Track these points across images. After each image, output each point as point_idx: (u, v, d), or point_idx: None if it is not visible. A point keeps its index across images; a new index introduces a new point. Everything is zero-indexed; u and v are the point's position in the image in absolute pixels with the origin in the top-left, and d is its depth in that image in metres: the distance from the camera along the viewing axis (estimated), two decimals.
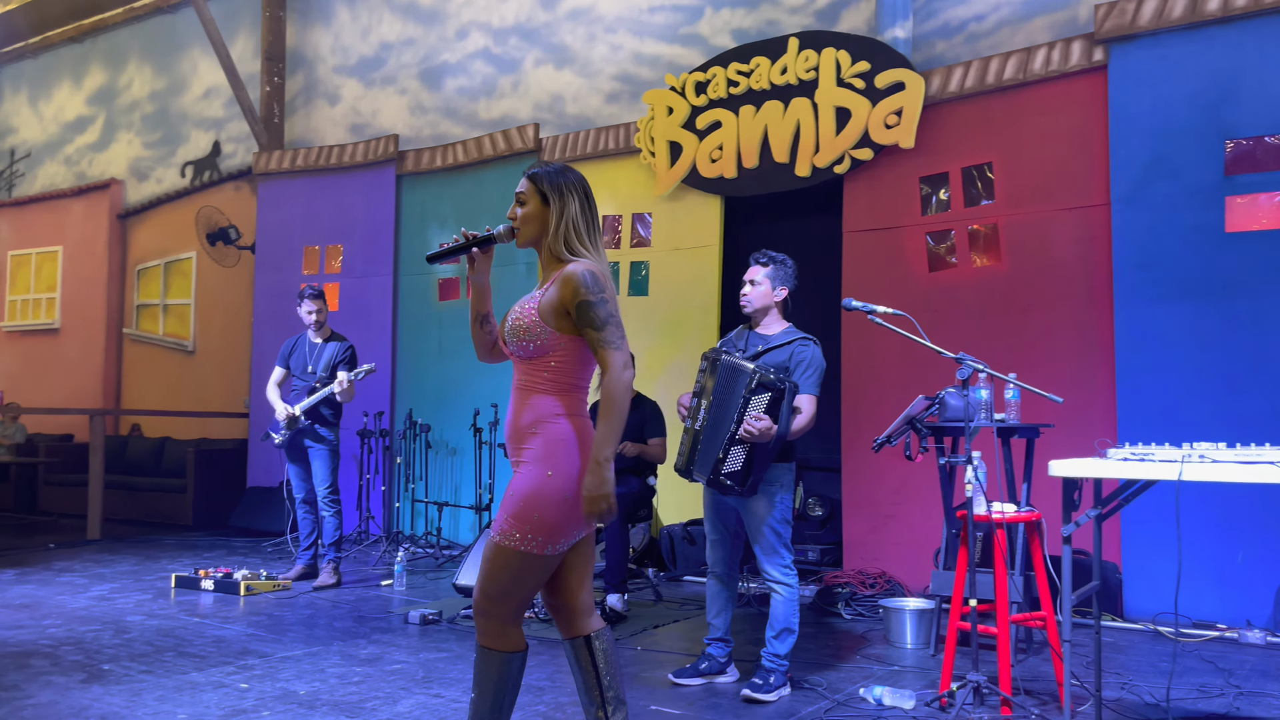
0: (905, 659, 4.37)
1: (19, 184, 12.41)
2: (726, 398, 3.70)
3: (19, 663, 4.09)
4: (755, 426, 3.59)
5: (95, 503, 8.23)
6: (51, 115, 12.16)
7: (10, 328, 11.99)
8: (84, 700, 3.57)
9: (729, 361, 3.75)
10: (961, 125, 6.03)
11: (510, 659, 2.51)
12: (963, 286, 5.96)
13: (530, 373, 2.51)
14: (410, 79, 9.01)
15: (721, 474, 3.67)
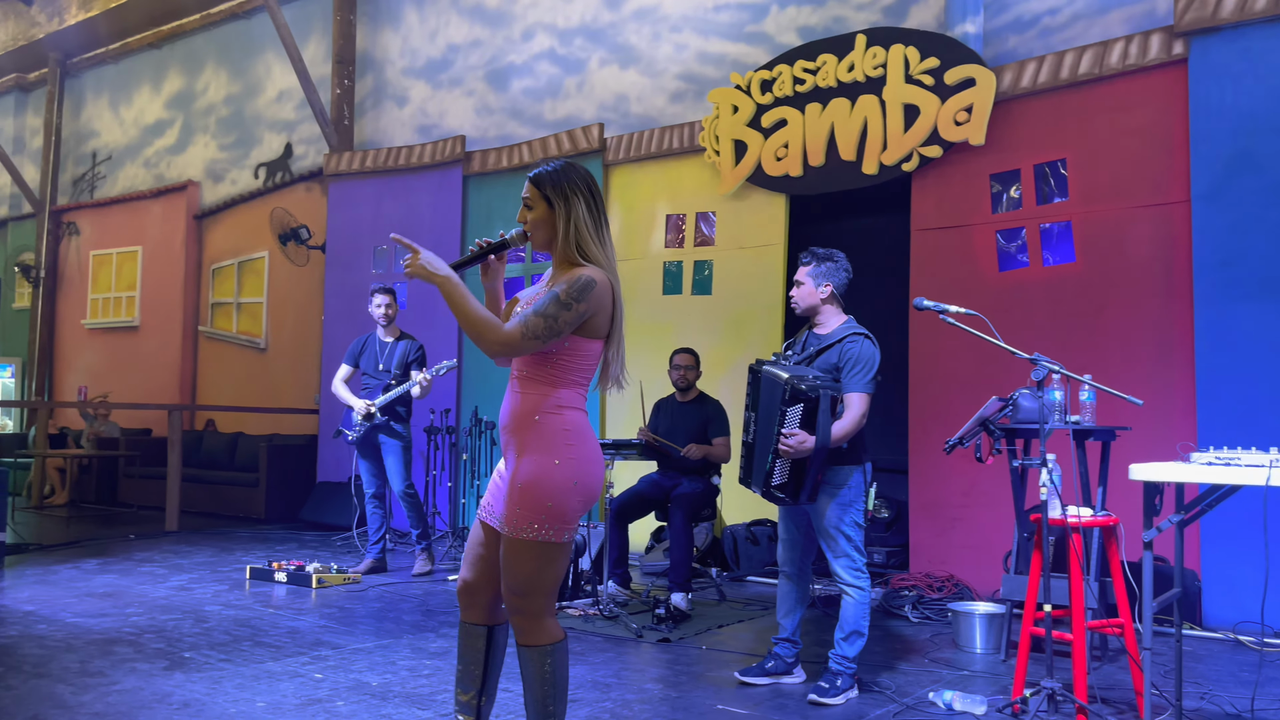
0: (975, 664, 4.31)
1: (101, 186, 12.84)
2: (769, 410, 3.74)
3: (104, 650, 4.23)
4: (789, 443, 3.62)
5: (173, 496, 8.48)
6: (132, 119, 12.55)
7: (93, 325, 12.40)
8: (167, 687, 3.69)
9: (769, 373, 3.77)
10: (1034, 121, 5.92)
11: (555, 650, 2.51)
12: (1034, 286, 5.84)
13: (534, 366, 2.53)
14: (477, 80, 9.12)
15: (771, 486, 3.69)
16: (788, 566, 3.99)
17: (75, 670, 3.88)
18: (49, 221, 12.92)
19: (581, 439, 2.51)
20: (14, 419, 13.21)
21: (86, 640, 4.39)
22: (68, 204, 13.00)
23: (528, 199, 2.59)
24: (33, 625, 4.66)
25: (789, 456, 3.64)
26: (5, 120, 14.01)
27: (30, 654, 4.11)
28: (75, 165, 13.22)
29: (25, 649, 4.20)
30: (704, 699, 3.69)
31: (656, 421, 5.79)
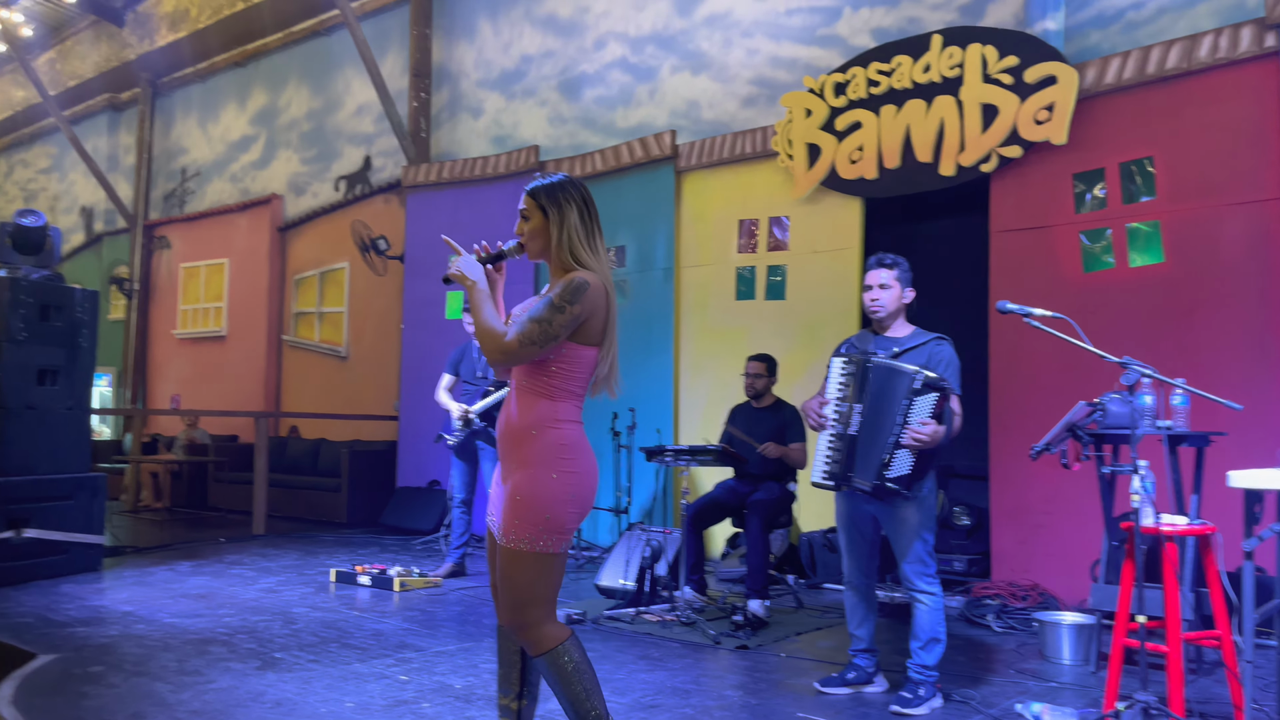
0: (1063, 675, 4.21)
1: (190, 201, 13.30)
2: (885, 400, 3.64)
3: (199, 649, 4.39)
4: (924, 433, 3.52)
5: (260, 500, 8.74)
6: (218, 136, 12.98)
7: (183, 335, 12.86)
8: (260, 686, 3.80)
9: (884, 363, 3.68)
10: (1119, 119, 5.77)
11: (567, 647, 2.53)
12: (1120, 287, 5.69)
13: (531, 376, 2.57)
14: (550, 90, 9.22)
15: (888, 479, 3.60)
16: (855, 578, 3.94)
17: (173, 669, 4.02)
18: (142, 236, 13.43)
19: (578, 453, 2.56)
20: (110, 426, 13.75)
21: (183, 640, 4.55)
22: (159, 219, 13.50)
23: (524, 210, 2.66)
24: (132, 625, 4.85)
25: (917, 448, 3.57)
26: (100, 139, 14.61)
27: (130, 653, 4.28)
28: (166, 181, 13.72)
29: (125, 648, 4.37)
30: (784, 707, 3.67)
31: (732, 427, 5.78)
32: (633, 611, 5.19)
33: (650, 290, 7.98)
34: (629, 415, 7.51)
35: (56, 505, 6.10)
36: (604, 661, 4.29)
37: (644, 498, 7.69)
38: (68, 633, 4.63)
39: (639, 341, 8.00)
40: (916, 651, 3.71)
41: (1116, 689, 3.47)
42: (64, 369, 6.28)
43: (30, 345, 6.05)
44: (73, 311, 6.35)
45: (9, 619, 4.85)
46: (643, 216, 8.05)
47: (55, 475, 6.15)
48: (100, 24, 13.87)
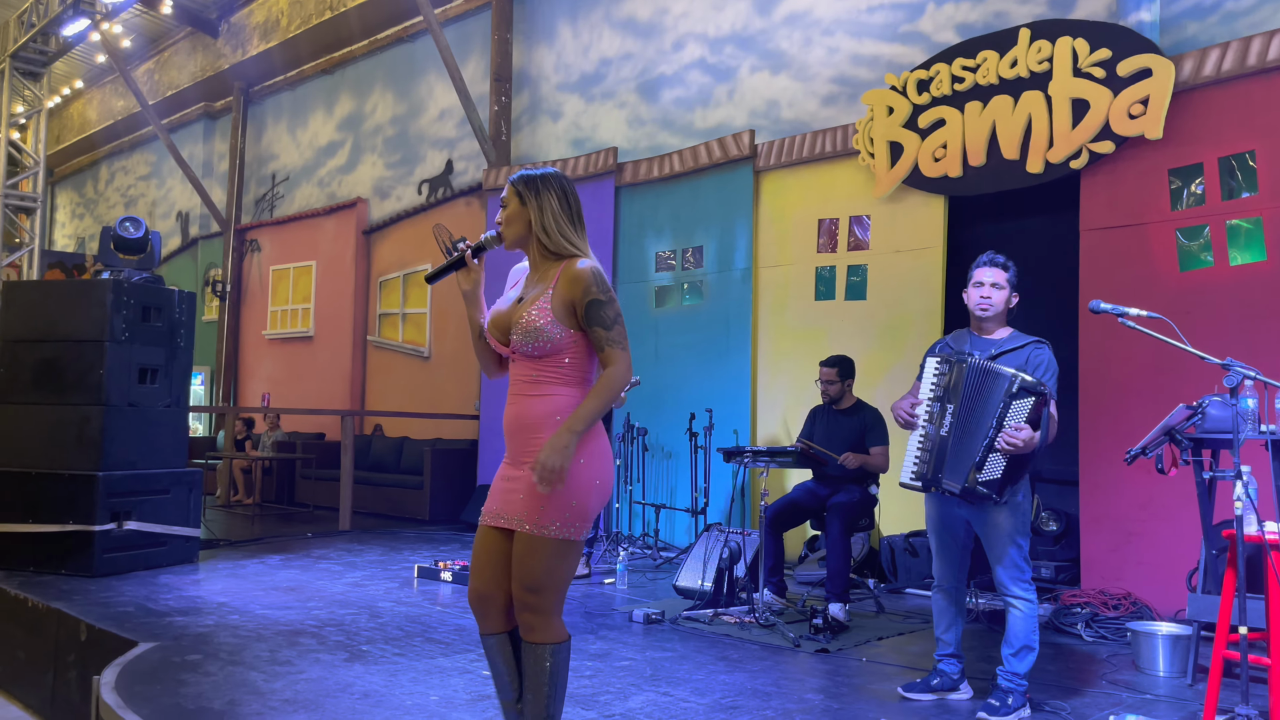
0: (1158, 687, 4.07)
1: (279, 205, 13.71)
2: (980, 402, 3.57)
3: (290, 640, 4.52)
4: (1018, 437, 3.45)
5: (346, 497, 8.96)
6: (307, 142, 13.35)
7: (272, 335, 13.26)
8: (349, 678, 3.90)
9: (981, 364, 3.62)
10: (1217, 112, 5.56)
11: (560, 649, 2.55)
12: (1219, 287, 5.48)
13: (543, 369, 2.57)
14: (629, 92, 9.27)
15: (979, 482, 3.53)
16: (945, 582, 3.86)
17: (266, 659, 4.15)
18: (234, 239, 13.89)
19: (598, 438, 2.57)
20: (203, 423, 14.25)
21: (274, 631, 4.69)
22: (250, 223, 13.94)
23: (503, 199, 2.69)
24: (226, 616, 5.02)
25: (1011, 452, 3.50)
26: (196, 146, 15.15)
27: (225, 642, 4.43)
28: (257, 186, 14.17)
29: (221, 637, 4.52)
30: (866, 712, 3.62)
31: (811, 429, 5.73)
32: (710, 613, 5.19)
33: (728, 291, 7.96)
34: (706, 416, 7.51)
35: (156, 499, 6.35)
36: (683, 662, 4.29)
37: (721, 498, 7.68)
38: (166, 622, 4.81)
39: (717, 342, 7.98)
40: (1008, 658, 3.62)
41: (1216, 702, 3.34)
42: (163, 368, 6.53)
43: (132, 345, 6.30)
44: (172, 312, 6.60)
45: (111, 608, 5.06)
46: (721, 217, 8.03)
47: (155, 470, 6.40)
48: (196, 35, 14.40)
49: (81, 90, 17.12)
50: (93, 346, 6.17)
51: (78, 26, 9.42)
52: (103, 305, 6.18)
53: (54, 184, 19.34)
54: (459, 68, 9.99)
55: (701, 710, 3.58)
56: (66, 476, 6.03)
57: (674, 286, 8.42)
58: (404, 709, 3.51)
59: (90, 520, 5.94)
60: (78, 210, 18.97)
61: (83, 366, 6.16)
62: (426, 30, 10.76)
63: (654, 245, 8.54)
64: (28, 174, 9.94)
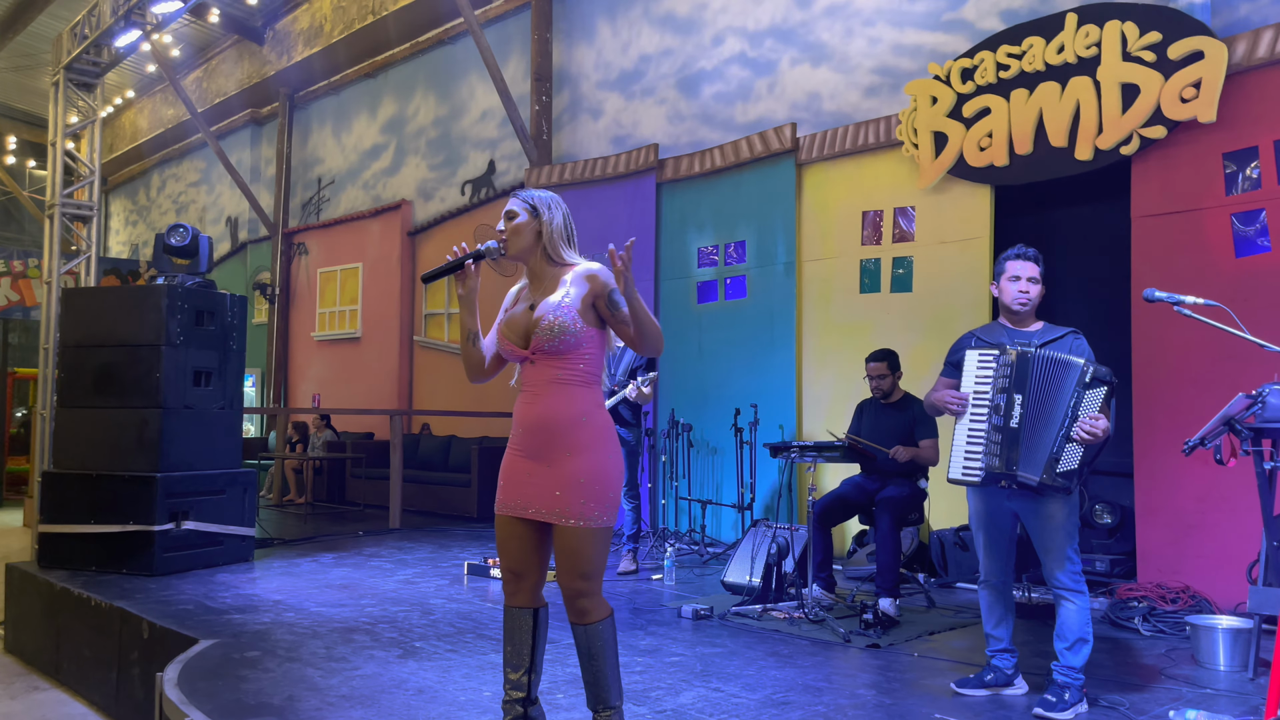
0: (1218, 682, 3.99)
1: (325, 209, 13.91)
2: (1052, 393, 3.55)
3: (345, 637, 4.59)
4: (1097, 427, 3.45)
5: (395, 495, 9.07)
6: (351, 145, 13.53)
7: (321, 337, 13.45)
8: (402, 674, 3.96)
9: (1050, 355, 3.60)
10: (1273, 93, 5.42)
11: (612, 623, 2.87)
12: (1277, 272, 5.35)
13: (564, 368, 2.81)
14: (668, 89, 9.26)
15: (1057, 473, 3.51)
16: (992, 577, 3.82)
17: (322, 655, 4.23)
18: (282, 243, 14.12)
19: (615, 434, 2.91)
20: (254, 424, 14.51)
21: (329, 628, 4.77)
22: (297, 226, 14.16)
23: (512, 210, 2.91)
24: (282, 613, 5.11)
25: (1087, 442, 3.49)
26: (243, 152, 15.42)
27: (283, 639, 4.51)
28: (303, 190, 14.38)
29: (278, 635, 4.61)
30: (919, 707, 3.60)
31: (859, 424, 5.69)
32: (759, 608, 5.18)
33: (771, 285, 7.93)
34: (751, 411, 7.49)
35: (212, 499, 6.48)
36: (733, 657, 4.29)
37: (766, 493, 7.66)
38: (225, 619, 4.91)
39: (760, 336, 7.96)
40: (1062, 653, 3.58)
41: (1279, 697, 3.27)
42: (217, 370, 6.66)
43: (187, 348, 6.44)
44: (224, 316, 6.73)
45: (171, 606, 5.18)
46: (763, 211, 8.00)
47: (210, 470, 6.53)
48: (242, 43, 14.65)
49: (132, 100, 17.49)
50: (149, 351, 6.31)
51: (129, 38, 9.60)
52: (158, 310, 6.32)
53: (107, 192, 19.79)
54: (499, 68, 10.05)
55: (753, 705, 3.58)
56: (126, 478, 6.17)
57: (716, 282, 8.40)
58: (458, 704, 3.55)
59: (150, 520, 6.09)
60: (130, 217, 19.39)
61: (140, 370, 6.31)
62: (467, 32, 10.85)
63: (695, 240, 8.53)
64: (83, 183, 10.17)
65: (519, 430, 2.87)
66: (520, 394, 2.89)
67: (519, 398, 2.89)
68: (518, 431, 2.88)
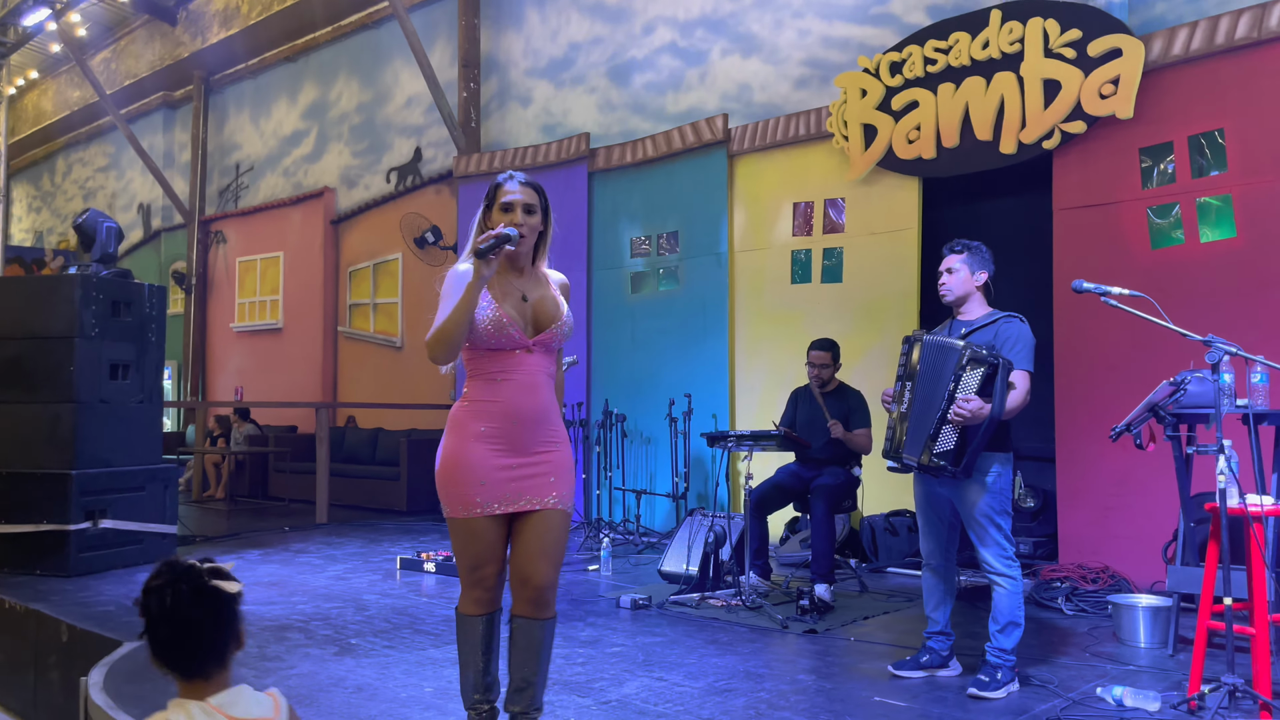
0: (1140, 658, 4.15)
1: (244, 196, 13.52)
2: (934, 377, 3.68)
3: (278, 635, 4.48)
4: (966, 408, 3.55)
5: (322, 489, 8.88)
6: (271, 131, 13.16)
7: (241, 328, 13.09)
8: (340, 672, 3.88)
9: (934, 340, 3.74)
10: (1187, 91, 5.63)
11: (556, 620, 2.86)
12: (1190, 264, 5.57)
13: (551, 364, 2.83)
14: (599, 77, 9.22)
15: (934, 454, 3.61)
16: (932, 559, 3.91)
17: (254, 655, 4.11)
18: (198, 231, 13.69)
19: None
20: (171, 418, 14.06)
21: (260, 627, 4.64)
22: (214, 214, 13.74)
23: (532, 205, 2.78)
24: None
25: (960, 424, 3.58)
26: (156, 136, 14.89)
27: None
28: (220, 176, 13.96)
29: None
30: (859, 690, 3.66)
31: (793, 412, 5.75)
32: (697, 596, 5.21)
33: (703, 275, 7.96)
34: (685, 401, 7.52)
35: (130, 496, 6.26)
36: (674, 646, 4.31)
37: (699, 482, 7.70)
38: None
39: (693, 326, 7.99)
40: (995, 635, 3.68)
41: (1201, 671, 3.41)
42: (134, 363, 6.42)
43: (102, 341, 6.19)
44: (142, 307, 6.49)
45: (91, 608, 4.98)
46: (695, 201, 8.03)
47: (129, 467, 6.30)
48: (154, 23, 14.12)
49: (36, 81, 16.73)
50: (62, 343, 6.05)
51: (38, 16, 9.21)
52: (71, 301, 6.06)
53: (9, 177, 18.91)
54: (426, 54, 9.88)
55: (696, 694, 3.60)
56: (39, 475, 5.92)
57: (649, 272, 8.41)
58: (399, 701, 3.49)
59: (65, 519, 5.85)
60: (34, 204, 18.59)
61: (52, 364, 6.04)
62: (392, 16, 10.63)
63: (628, 231, 8.52)
64: None
65: (504, 421, 2.70)
66: (503, 383, 2.72)
67: (503, 387, 2.71)
68: (500, 423, 2.70)
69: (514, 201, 2.77)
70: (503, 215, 2.77)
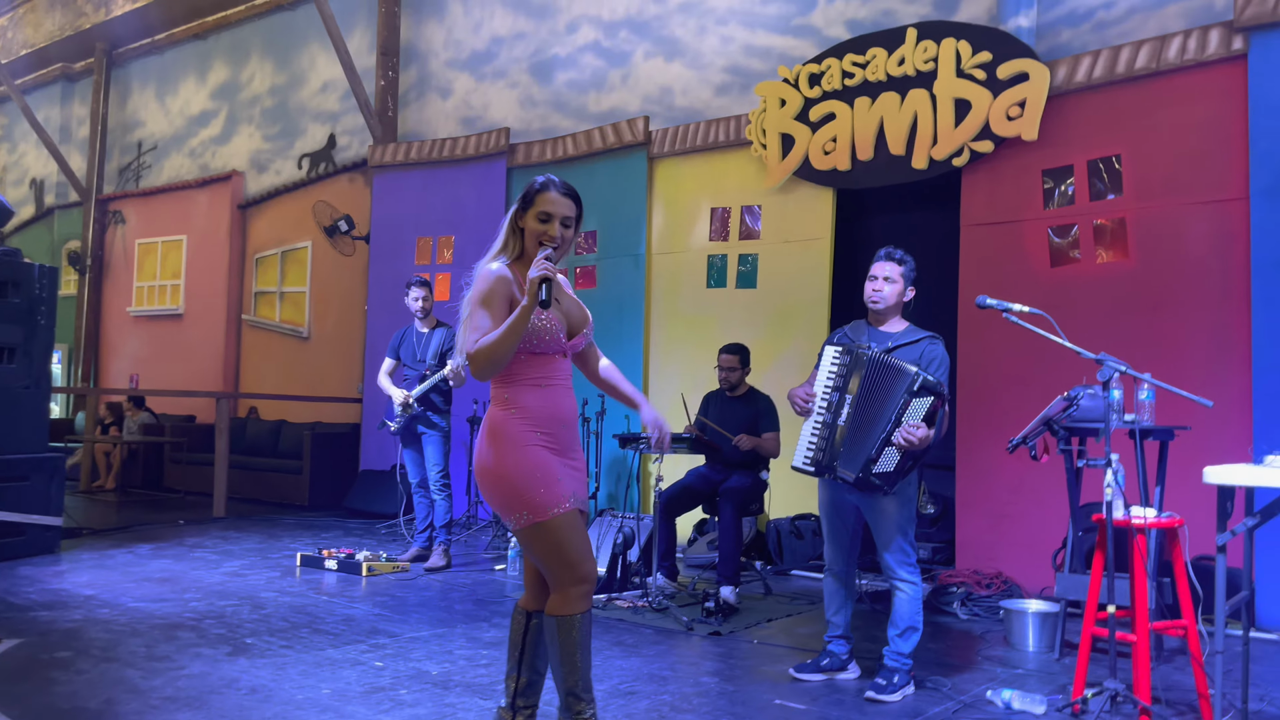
0: (1028, 663, 4.30)
1: (146, 176, 13.01)
2: (880, 396, 3.65)
3: (168, 634, 4.32)
4: (915, 435, 3.55)
5: (220, 482, 8.61)
6: (177, 109, 12.70)
7: (138, 313, 12.59)
8: (233, 672, 3.76)
9: (882, 358, 3.69)
10: (1088, 116, 5.86)
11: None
12: (1087, 283, 5.80)
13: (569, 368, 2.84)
14: (521, 72, 9.15)
15: (872, 473, 3.63)
16: (835, 565, 3.98)
17: (142, 655, 3.96)
18: (95, 210, 13.11)
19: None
20: (60, 405, 13.45)
21: (150, 625, 4.48)
22: (114, 193, 13.19)
23: (569, 218, 2.74)
24: (95, 609, 4.77)
25: (905, 449, 3.59)
26: (52, 109, 14.22)
27: (97, 638, 4.21)
28: (121, 155, 13.41)
29: (91, 633, 4.30)
30: (760, 693, 3.71)
31: (705, 414, 5.80)
32: (604, 598, 5.21)
33: (621, 276, 7.97)
34: (598, 401, 7.51)
35: (13, 486, 5.97)
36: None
37: (611, 483, 7.71)
38: (30, 617, 4.54)
39: (609, 328, 7.98)
40: (894, 639, 3.76)
41: (1085, 676, 3.55)
42: (22, 346, 6.13)
43: None
44: (31, 288, 6.20)
45: None
46: (614, 202, 8.03)
47: (12, 455, 6.01)
48: None
49: None
50: None
51: None
52: None
53: None
54: (344, 39, 9.66)
55: (600, 696, 3.59)
56: None
57: (565, 271, 8.37)
58: (295, 704, 3.41)
59: None
60: None
61: None
62: None
63: None
64: None
65: (554, 425, 2.72)
66: (549, 389, 2.72)
67: (549, 393, 2.72)
68: (551, 428, 2.71)
69: (554, 214, 2.71)
70: (538, 224, 2.72)
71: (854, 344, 3.81)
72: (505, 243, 2.78)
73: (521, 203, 2.77)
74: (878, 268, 3.86)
